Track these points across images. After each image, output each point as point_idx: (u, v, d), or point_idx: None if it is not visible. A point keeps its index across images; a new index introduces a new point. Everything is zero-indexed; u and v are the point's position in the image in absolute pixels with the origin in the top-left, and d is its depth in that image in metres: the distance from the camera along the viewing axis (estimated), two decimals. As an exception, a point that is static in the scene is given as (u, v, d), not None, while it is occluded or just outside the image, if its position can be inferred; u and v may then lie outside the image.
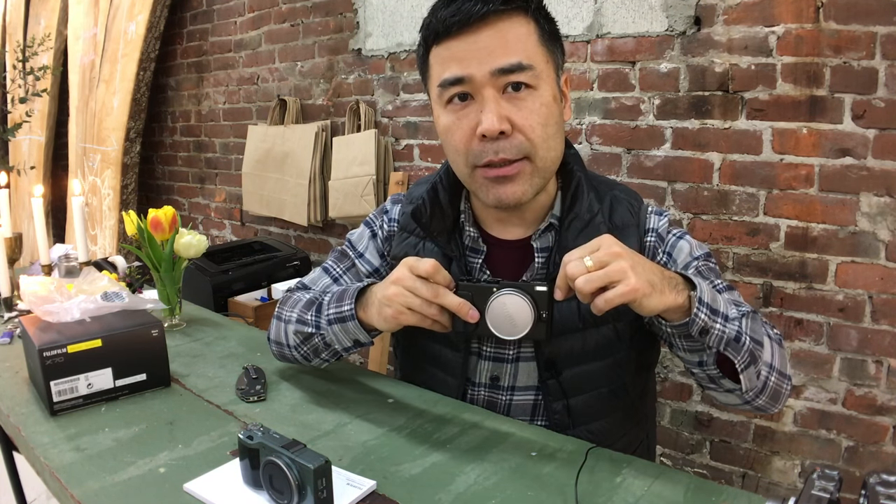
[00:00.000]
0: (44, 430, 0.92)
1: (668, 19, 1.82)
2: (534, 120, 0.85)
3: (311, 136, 2.69)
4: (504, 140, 0.85)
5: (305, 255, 2.55)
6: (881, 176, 1.59)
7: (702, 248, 0.98)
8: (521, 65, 0.83)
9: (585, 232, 0.93)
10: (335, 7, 2.63)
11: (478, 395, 1.01)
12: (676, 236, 0.98)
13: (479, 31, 0.83)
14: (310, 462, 0.69)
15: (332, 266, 1.10)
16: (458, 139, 0.88)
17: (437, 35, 0.86)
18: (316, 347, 0.97)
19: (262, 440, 0.73)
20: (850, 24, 1.58)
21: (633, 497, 0.75)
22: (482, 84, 0.84)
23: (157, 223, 1.32)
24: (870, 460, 1.70)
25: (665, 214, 0.99)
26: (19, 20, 3.93)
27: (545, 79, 0.86)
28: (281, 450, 0.71)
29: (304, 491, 0.70)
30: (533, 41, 0.86)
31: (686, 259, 0.96)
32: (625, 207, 0.97)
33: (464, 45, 0.84)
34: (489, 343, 0.99)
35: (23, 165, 3.79)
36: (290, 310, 1.01)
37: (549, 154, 0.89)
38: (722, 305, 0.79)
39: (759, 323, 0.85)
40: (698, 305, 0.75)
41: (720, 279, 0.95)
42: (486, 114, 0.84)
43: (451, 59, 0.85)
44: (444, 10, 0.85)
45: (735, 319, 0.79)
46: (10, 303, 1.40)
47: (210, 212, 3.46)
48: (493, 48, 0.83)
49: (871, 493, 0.48)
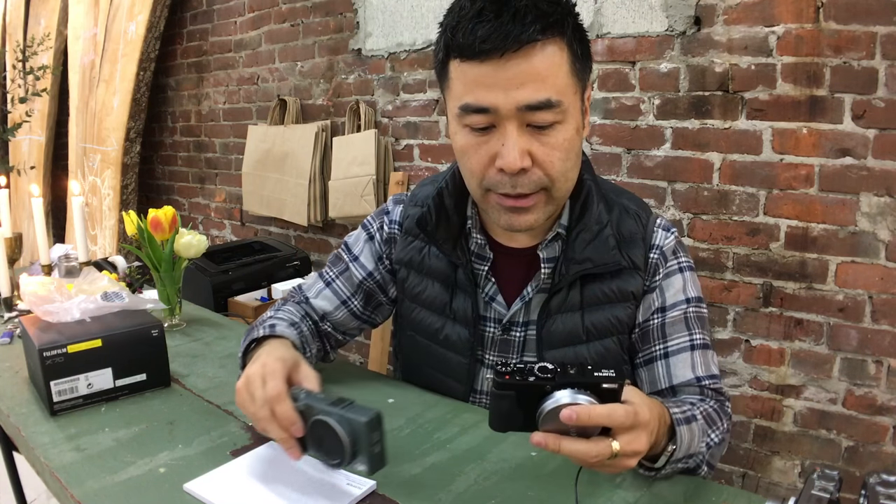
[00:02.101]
0: (44, 430, 0.92)
1: (668, 19, 1.82)
2: (555, 156, 0.82)
3: (311, 136, 2.69)
4: (523, 175, 0.81)
5: (305, 255, 2.55)
6: (881, 176, 1.59)
7: (696, 289, 0.97)
8: (551, 102, 0.78)
9: (594, 244, 0.91)
10: (335, 7, 2.63)
11: (479, 403, 1.01)
12: (677, 266, 0.95)
13: (511, 60, 0.76)
14: (361, 416, 0.67)
15: (326, 270, 1.10)
16: (475, 164, 0.84)
17: (463, 53, 0.79)
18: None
19: (306, 401, 0.71)
20: (850, 24, 1.58)
21: (633, 497, 0.75)
22: (506, 117, 0.79)
23: (157, 223, 1.32)
24: (870, 460, 1.70)
25: (673, 231, 0.97)
26: (19, 20, 3.93)
27: (571, 111, 0.82)
28: (329, 408, 0.69)
29: (358, 447, 0.68)
30: (564, 72, 0.79)
31: (676, 297, 0.94)
32: (633, 219, 0.95)
33: (492, 71, 0.77)
34: (492, 350, 0.98)
35: (23, 165, 3.79)
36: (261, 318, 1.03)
37: (566, 185, 0.87)
38: (694, 443, 0.78)
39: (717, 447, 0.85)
40: (668, 461, 0.75)
41: (704, 331, 0.95)
42: (508, 149, 0.79)
43: (476, 85, 0.79)
44: (475, 25, 0.76)
45: (699, 454, 0.80)
46: (10, 303, 1.40)
47: (210, 212, 3.46)
48: (522, 81, 0.77)
49: (871, 493, 0.48)
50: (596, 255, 0.91)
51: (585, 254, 0.91)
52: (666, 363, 0.93)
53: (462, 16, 0.78)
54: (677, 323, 0.93)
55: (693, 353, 0.92)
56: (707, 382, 0.92)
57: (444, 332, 0.99)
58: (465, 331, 0.97)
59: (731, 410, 0.93)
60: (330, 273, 1.08)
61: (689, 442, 0.77)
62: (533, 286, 0.95)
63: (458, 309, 0.98)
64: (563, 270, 0.91)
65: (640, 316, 0.95)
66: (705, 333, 0.95)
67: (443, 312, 0.99)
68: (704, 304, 0.98)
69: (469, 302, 0.96)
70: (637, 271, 0.93)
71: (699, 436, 0.80)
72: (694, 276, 0.98)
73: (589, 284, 0.92)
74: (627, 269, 0.92)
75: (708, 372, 0.93)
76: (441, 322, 1.00)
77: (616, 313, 0.93)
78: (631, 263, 0.93)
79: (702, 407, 0.86)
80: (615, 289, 0.93)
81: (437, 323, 1.00)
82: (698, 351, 0.93)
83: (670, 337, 0.93)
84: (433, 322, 1.00)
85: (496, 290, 0.97)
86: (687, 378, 0.92)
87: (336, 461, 0.70)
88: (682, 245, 0.98)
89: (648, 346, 0.94)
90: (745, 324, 1.84)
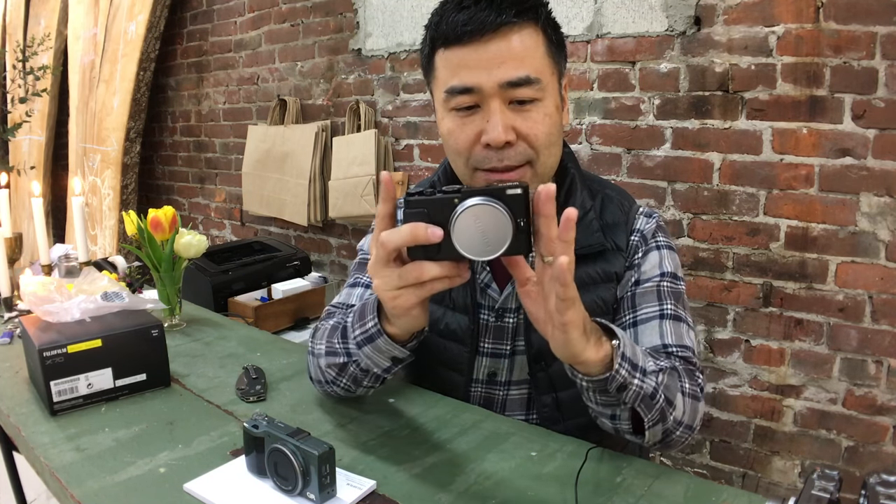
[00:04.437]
0: (44, 430, 0.92)
1: (668, 19, 1.82)
2: (538, 129, 0.86)
3: (311, 136, 2.69)
4: (509, 149, 0.86)
5: (305, 255, 2.55)
6: (881, 176, 1.59)
7: (673, 265, 0.97)
8: (530, 78, 0.84)
9: (577, 227, 0.92)
10: (335, 7, 2.63)
11: (476, 392, 1.01)
12: (656, 244, 0.98)
13: (490, 41, 0.83)
14: (314, 448, 0.71)
15: (357, 278, 1.06)
16: (462, 143, 0.88)
17: (447, 40, 0.85)
18: (354, 377, 0.88)
19: (267, 429, 0.75)
20: (850, 24, 1.58)
21: (633, 497, 0.75)
22: (490, 95, 0.84)
23: (157, 223, 1.32)
24: (870, 460, 1.70)
25: (654, 216, 1.00)
26: (19, 20, 3.93)
27: (550, 90, 0.87)
28: (286, 437, 0.73)
29: (309, 477, 0.72)
30: (541, 53, 0.86)
31: (652, 271, 0.95)
32: (616, 206, 0.99)
33: (474, 54, 0.84)
34: (488, 338, 0.99)
35: (23, 165, 3.79)
36: (320, 341, 0.93)
37: (550, 160, 0.90)
38: (640, 358, 0.77)
39: (675, 379, 0.83)
40: (620, 361, 0.73)
41: (679, 305, 0.94)
42: (493, 125, 0.84)
43: (460, 67, 0.85)
44: (456, 14, 0.84)
45: (652, 374, 0.78)
46: (10, 303, 1.40)
47: (210, 212, 3.46)
48: (502, 59, 0.83)
49: (871, 493, 0.48)
50: (581, 237, 0.92)
51: None
52: (634, 331, 0.93)
53: (445, 9, 0.86)
54: (648, 293, 0.94)
55: (662, 322, 0.92)
56: (675, 350, 0.90)
57: (444, 321, 1.00)
58: (465, 318, 0.98)
59: (702, 382, 0.89)
60: (363, 278, 1.06)
61: (633, 350, 0.76)
62: None
63: (456, 297, 0.99)
64: None
65: (618, 292, 0.97)
66: (678, 307, 0.94)
67: (441, 301, 1.00)
68: (682, 281, 0.98)
69: (467, 290, 0.98)
70: (619, 252, 0.96)
71: (646, 357, 0.78)
72: (673, 254, 0.98)
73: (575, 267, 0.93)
74: (611, 251, 0.96)
75: (679, 342, 0.91)
76: (441, 311, 1.00)
77: (601, 294, 0.95)
78: (614, 245, 0.96)
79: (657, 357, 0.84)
80: (599, 271, 0.95)
81: (436, 313, 1.00)
82: (668, 321, 0.92)
83: (640, 306, 0.94)
84: (433, 312, 1.01)
85: (490, 277, 0.98)
86: (654, 344, 0.90)
87: (289, 488, 0.74)
88: (664, 228, 1.00)
89: (619, 317, 0.95)
90: (745, 324, 1.84)
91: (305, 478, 0.72)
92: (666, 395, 0.80)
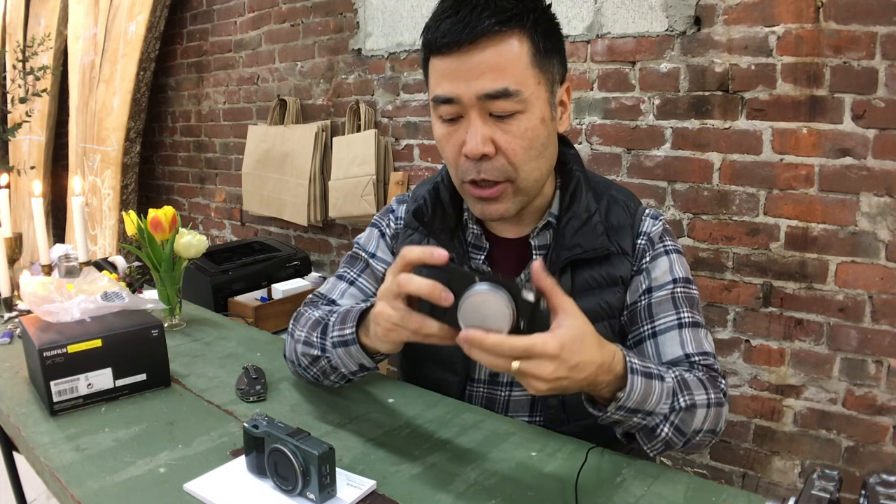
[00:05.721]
0: (44, 430, 0.92)
1: (668, 19, 1.82)
2: (517, 144, 0.85)
3: (311, 136, 2.69)
4: (487, 162, 0.86)
5: (305, 255, 2.55)
6: (881, 176, 1.60)
7: (684, 270, 0.97)
8: (508, 91, 0.82)
9: (582, 231, 0.94)
10: (335, 7, 2.63)
11: (476, 392, 1.01)
12: (664, 249, 0.97)
13: (470, 52, 0.82)
14: (314, 448, 0.71)
15: (344, 272, 1.09)
16: (449, 153, 0.90)
17: (433, 49, 0.86)
18: (324, 370, 0.94)
19: (267, 429, 0.75)
20: (850, 24, 1.58)
21: (633, 497, 0.75)
22: (469, 106, 0.84)
23: (157, 223, 1.32)
24: (870, 460, 1.70)
25: (660, 218, 1.00)
26: (19, 20, 3.93)
27: (534, 101, 0.85)
28: (286, 437, 0.73)
29: (309, 477, 0.72)
30: (524, 63, 0.83)
31: (663, 278, 0.95)
32: (621, 208, 0.98)
33: (455, 63, 0.84)
34: None
35: (23, 165, 3.79)
36: (301, 328, 0.98)
37: (532, 175, 0.89)
38: (652, 400, 0.77)
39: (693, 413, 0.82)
40: (615, 410, 0.76)
41: (694, 310, 0.95)
42: (471, 136, 0.85)
43: (444, 77, 0.85)
44: (444, 21, 0.84)
45: (658, 414, 0.79)
46: (10, 303, 1.40)
47: (210, 212, 3.46)
48: (482, 71, 0.82)
49: (871, 493, 0.48)
50: (585, 241, 0.93)
51: (575, 240, 0.93)
52: (654, 342, 0.93)
53: (434, 16, 0.87)
54: (664, 302, 0.94)
55: (682, 331, 0.93)
56: (697, 358, 0.91)
57: None
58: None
59: (725, 386, 0.90)
60: (350, 273, 1.08)
61: (645, 395, 0.76)
62: (526, 273, 0.96)
63: None
64: (554, 257, 0.94)
65: (628, 298, 0.96)
66: (695, 313, 0.95)
67: None
68: (694, 285, 0.98)
69: None
70: (625, 256, 0.96)
71: (661, 396, 0.79)
72: (682, 258, 0.99)
73: (579, 271, 0.94)
74: (616, 255, 0.95)
75: (700, 349, 0.92)
76: None
77: (606, 298, 0.95)
78: (619, 249, 0.95)
79: (679, 372, 0.84)
80: (604, 274, 0.95)
81: None
82: (687, 329, 0.93)
83: (657, 316, 0.94)
84: None
85: None
86: (676, 355, 0.92)
87: (289, 488, 0.74)
88: (670, 232, 1.00)
89: (637, 327, 0.95)
90: (745, 324, 1.84)
91: (305, 478, 0.72)
92: (677, 427, 0.81)
